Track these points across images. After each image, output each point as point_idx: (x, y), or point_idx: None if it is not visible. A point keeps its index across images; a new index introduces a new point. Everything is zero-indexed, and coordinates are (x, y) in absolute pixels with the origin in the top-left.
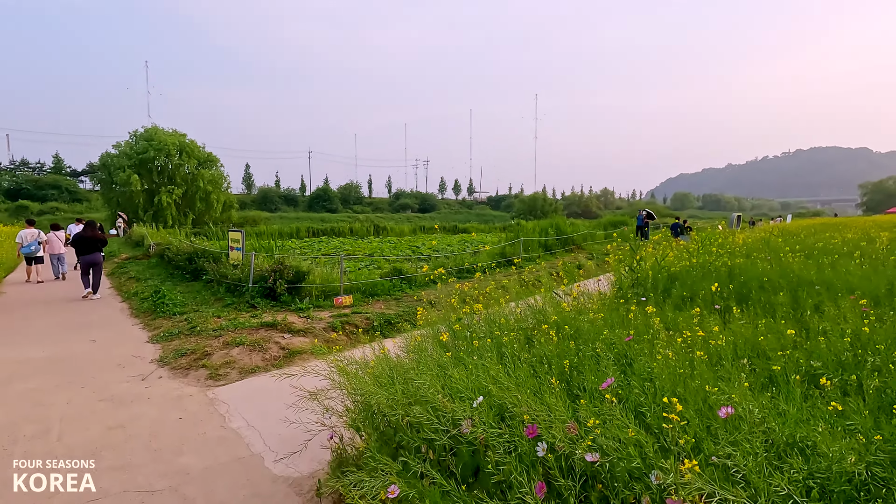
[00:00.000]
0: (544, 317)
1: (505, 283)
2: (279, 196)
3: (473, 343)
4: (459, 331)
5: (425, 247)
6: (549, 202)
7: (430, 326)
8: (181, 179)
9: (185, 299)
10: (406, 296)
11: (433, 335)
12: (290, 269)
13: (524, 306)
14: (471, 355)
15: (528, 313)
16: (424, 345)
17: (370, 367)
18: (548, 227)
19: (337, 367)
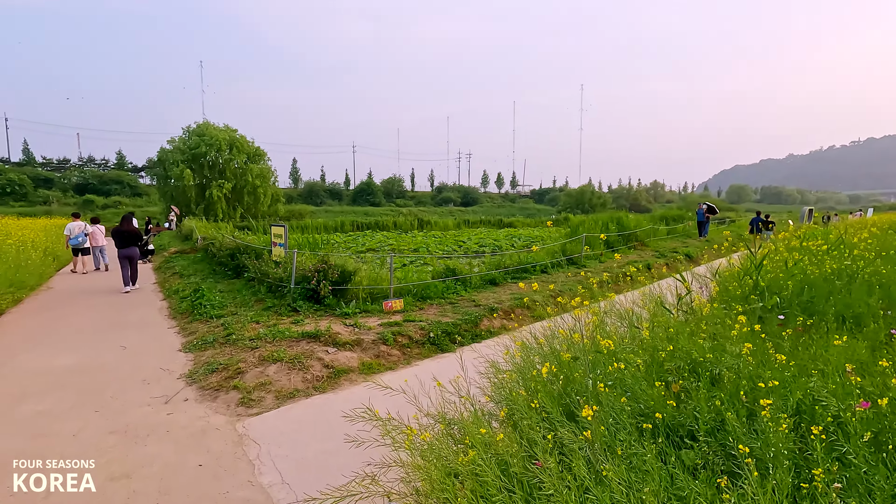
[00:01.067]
0: (663, 342)
1: (583, 285)
2: (324, 190)
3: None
4: (564, 367)
5: (471, 241)
6: (597, 195)
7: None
8: (231, 174)
9: (224, 300)
10: (462, 299)
11: (523, 371)
12: (335, 268)
13: (619, 316)
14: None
15: (640, 336)
16: (518, 392)
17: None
18: (608, 222)
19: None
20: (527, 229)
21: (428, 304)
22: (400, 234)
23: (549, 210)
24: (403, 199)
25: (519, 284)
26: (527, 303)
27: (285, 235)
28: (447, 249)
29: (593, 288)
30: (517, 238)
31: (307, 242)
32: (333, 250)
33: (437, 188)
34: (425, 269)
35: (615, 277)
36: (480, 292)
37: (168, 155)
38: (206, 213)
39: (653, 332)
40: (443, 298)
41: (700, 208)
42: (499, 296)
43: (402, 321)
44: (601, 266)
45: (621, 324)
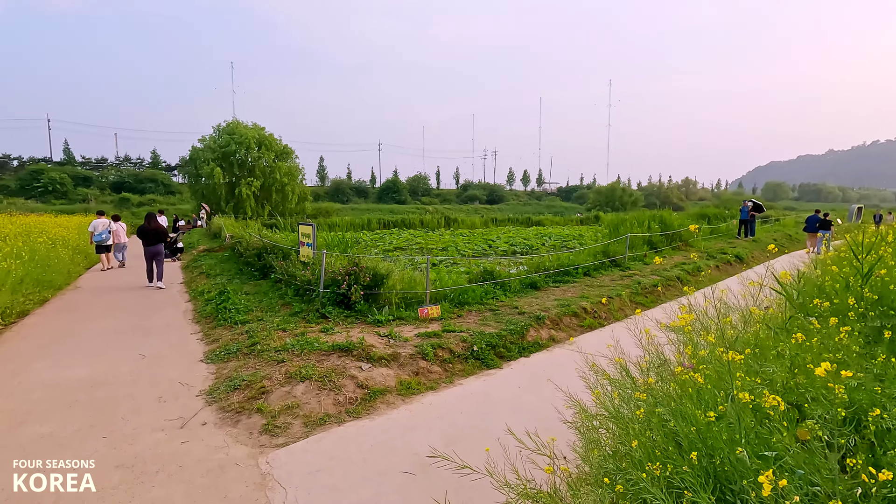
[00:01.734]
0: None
1: (632, 289)
2: (350, 188)
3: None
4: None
5: (501, 241)
6: (627, 193)
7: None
8: (259, 172)
9: (249, 303)
10: (503, 305)
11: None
12: (367, 271)
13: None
14: None
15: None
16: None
17: None
18: (649, 221)
19: None
20: (556, 228)
21: (466, 310)
22: (427, 233)
23: (576, 208)
24: (429, 197)
25: (562, 288)
26: (575, 310)
27: (313, 235)
28: (477, 249)
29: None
30: (548, 237)
31: (336, 242)
32: (362, 250)
33: (462, 186)
34: (456, 269)
35: (665, 281)
36: (521, 297)
37: (199, 153)
38: (235, 211)
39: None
40: (482, 304)
41: (744, 206)
42: (542, 301)
43: (441, 331)
44: (647, 268)
45: (704, 340)
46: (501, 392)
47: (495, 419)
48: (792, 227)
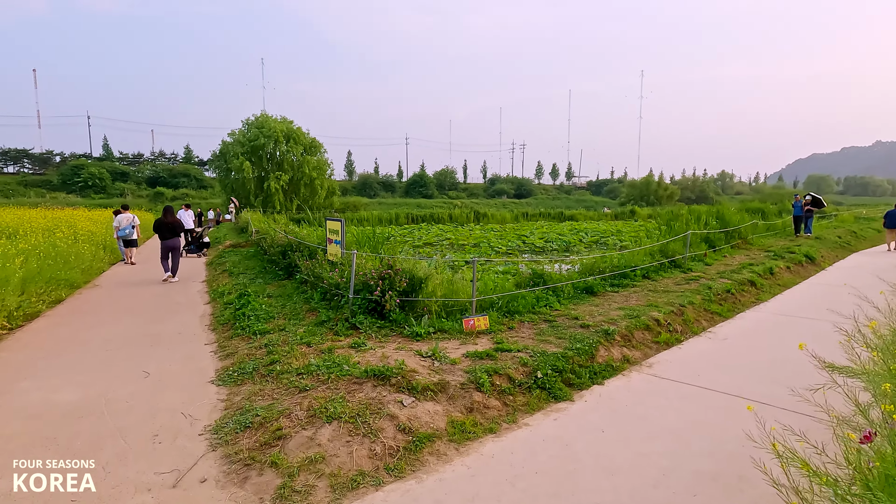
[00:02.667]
0: None
1: (703, 295)
2: (378, 182)
3: None
4: None
5: (535, 236)
6: (663, 186)
7: None
8: (288, 165)
9: (271, 308)
10: (559, 315)
11: None
12: (403, 275)
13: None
14: None
15: None
16: None
17: None
18: (706, 216)
19: None
20: (590, 223)
21: (517, 321)
22: (456, 228)
23: (607, 202)
24: (456, 191)
25: (622, 294)
26: (646, 322)
27: (342, 232)
28: (510, 245)
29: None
30: (584, 233)
31: (366, 239)
32: (393, 248)
33: (489, 180)
34: (493, 268)
35: (737, 285)
36: (578, 305)
37: (229, 147)
38: (264, 205)
39: None
40: (534, 314)
41: (797, 201)
42: (604, 310)
43: (494, 350)
44: (710, 269)
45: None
46: (582, 438)
47: (584, 483)
48: (851, 223)
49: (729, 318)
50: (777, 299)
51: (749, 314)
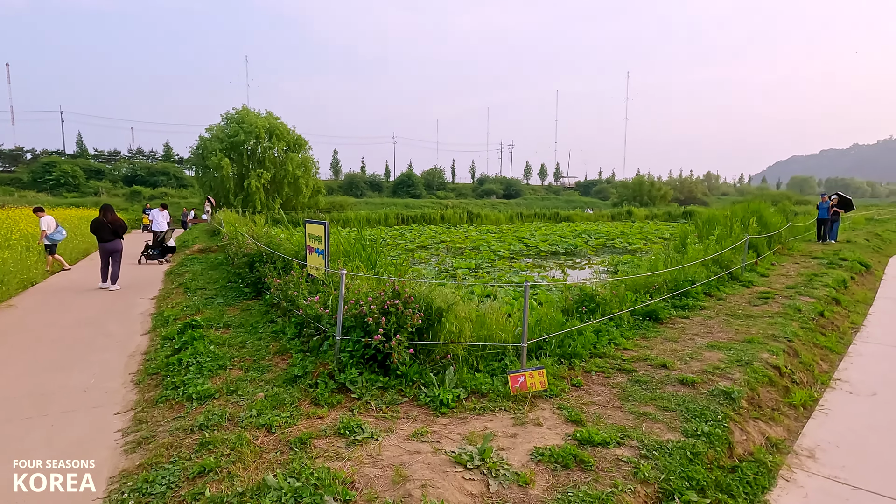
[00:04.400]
0: None
1: (793, 317)
2: (364, 181)
3: None
4: None
5: (536, 239)
6: (656, 187)
7: None
8: (270, 163)
9: (223, 350)
10: (635, 359)
11: None
12: (416, 305)
13: None
14: None
15: None
16: None
17: None
18: (747, 218)
19: None
20: (589, 224)
21: (581, 370)
22: (449, 229)
23: (596, 202)
24: (444, 191)
25: (696, 321)
26: (764, 371)
27: (325, 237)
28: (512, 249)
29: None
30: (587, 234)
31: (358, 248)
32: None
33: (478, 180)
34: (510, 280)
35: (823, 303)
36: (648, 339)
37: (207, 144)
38: (244, 205)
39: None
40: (599, 357)
41: (823, 202)
42: (690, 349)
43: (576, 443)
44: (769, 280)
45: None
46: None
47: None
48: (864, 224)
49: (843, 354)
50: (874, 323)
51: (864, 348)
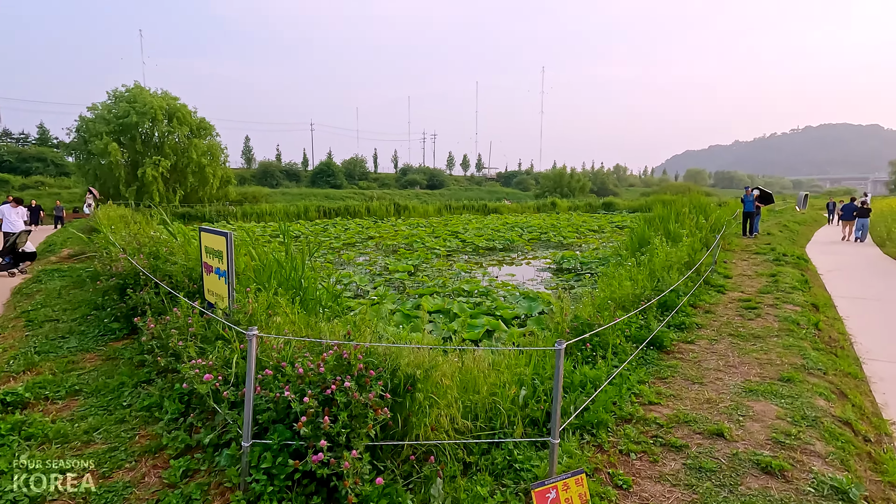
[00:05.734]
0: None
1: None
2: (280, 170)
3: None
4: None
5: (469, 233)
6: (576, 178)
7: None
8: (170, 149)
9: (54, 451)
10: (674, 422)
11: None
12: (378, 382)
13: None
14: None
15: None
16: None
17: None
18: (693, 213)
19: None
20: (518, 216)
21: (616, 453)
22: (376, 223)
23: (517, 193)
24: (367, 181)
25: (703, 345)
26: (839, 434)
27: (229, 254)
28: (448, 245)
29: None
30: (519, 228)
31: (276, 269)
32: (321, 267)
33: (401, 170)
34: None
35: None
36: (667, 381)
37: (89, 125)
38: (138, 197)
39: None
40: (628, 421)
41: (748, 195)
42: (732, 399)
43: None
44: (738, 282)
45: None
46: None
47: None
48: (766, 216)
49: (863, 379)
50: (857, 331)
51: (877, 369)
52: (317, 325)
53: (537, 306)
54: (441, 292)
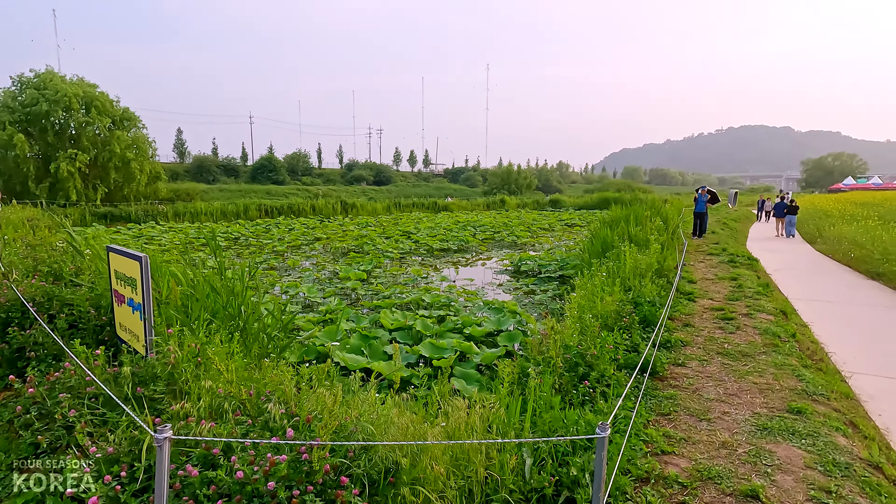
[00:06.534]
0: None
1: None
2: (218, 165)
3: None
4: None
5: (421, 232)
6: (523, 175)
7: None
8: (89, 142)
9: None
10: (702, 481)
11: None
12: (354, 464)
13: None
14: None
15: None
16: None
17: None
18: (650, 215)
19: None
20: (469, 214)
21: None
22: (323, 222)
23: (465, 190)
24: (311, 177)
25: (695, 367)
26: (878, 484)
27: (144, 282)
28: (401, 248)
29: None
30: (471, 226)
31: (207, 294)
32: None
33: (347, 165)
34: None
35: (782, 322)
36: (671, 419)
37: None
38: (50, 195)
39: None
40: (644, 481)
41: (700, 195)
42: (749, 442)
43: None
44: (704, 287)
45: None
46: None
47: None
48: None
49: (855, 399)
50: (827, 339)
51: (862, 384)
52: (261, 375)
53: (507, 320)
54: (399, 304)
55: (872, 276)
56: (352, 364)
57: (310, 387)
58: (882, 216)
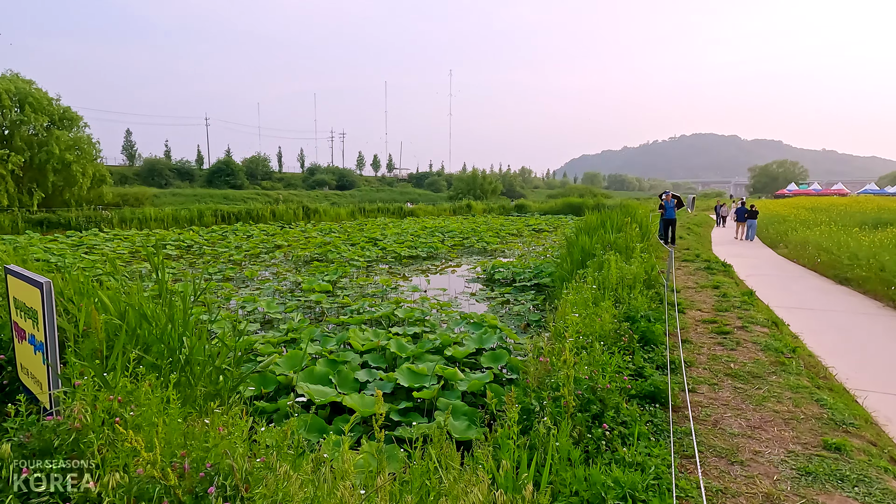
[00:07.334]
0: None
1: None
2: (170, 169)
3: None
4: None
5: (389, 240)
6: (488, 181)
7: None
8: (23, 142)
9: None
10: None
11: None
12: None
13: None
14: None
15: None
16: None
17: None
18: (627, 222)
19: None
20: (435, 220)
21: None
22: (283, 229)
23: (429, 195)
24: (271, 181)
25: (704, 393)
26: None
27: (47, 316)
28: (368, 255)
29: None
30: (438, 232)
31: (139, 323)
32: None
33: (308, 169)
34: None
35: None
36: (705, 468)
37: None
38: None
39: None
40: None
41: (667, 201)
42: (798, 496)
43: None
44: (689, 297)
45: None
46: None
47: None
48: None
49: (876, 424)
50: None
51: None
52: (204, 431)
53: (489, 337)
54: (370, 319)
55: (840, 281)
56: (318, 399)
57: (268, 454)
58: (832, 220)
